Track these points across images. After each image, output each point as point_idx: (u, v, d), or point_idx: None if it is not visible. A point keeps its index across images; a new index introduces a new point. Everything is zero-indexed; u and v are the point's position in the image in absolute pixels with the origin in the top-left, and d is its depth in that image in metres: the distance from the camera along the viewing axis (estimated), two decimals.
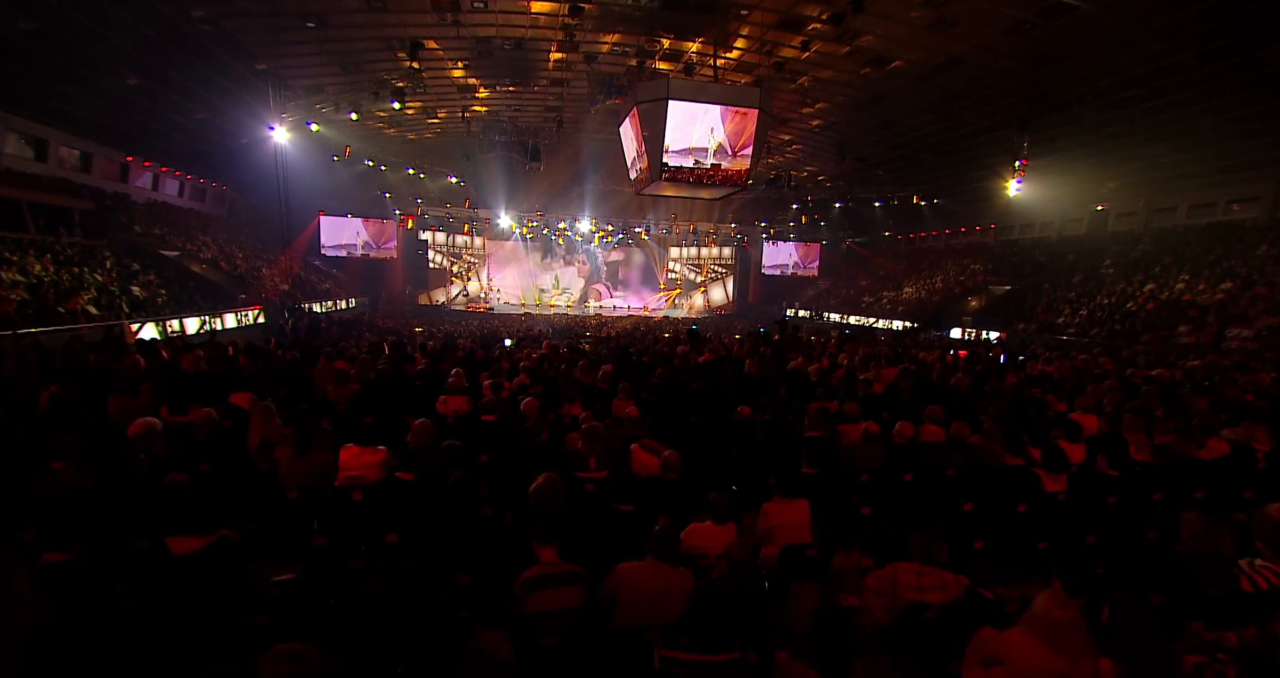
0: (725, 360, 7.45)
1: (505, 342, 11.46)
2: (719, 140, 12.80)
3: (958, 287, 26.00)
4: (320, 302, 23.61)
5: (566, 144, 26.26)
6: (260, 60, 15.72)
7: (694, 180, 13.27)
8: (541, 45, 16.64)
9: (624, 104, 14.81)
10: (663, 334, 17.58)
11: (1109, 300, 17.74)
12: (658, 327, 23.53)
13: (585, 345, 11.05)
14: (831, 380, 6.38)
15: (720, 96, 12.45)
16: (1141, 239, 20.45)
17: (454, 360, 6.99)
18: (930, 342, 20.03)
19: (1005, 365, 8.86)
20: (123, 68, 14.30)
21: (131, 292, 13.07)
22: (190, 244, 19.43)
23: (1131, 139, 17.32)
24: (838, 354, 9.22)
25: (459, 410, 5.19)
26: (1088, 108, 16.46)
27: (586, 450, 4.15)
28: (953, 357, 9.21)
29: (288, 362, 6.68)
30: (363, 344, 11.01)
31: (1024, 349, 15.10)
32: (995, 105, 17.44)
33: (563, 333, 20.92)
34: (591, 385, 5.89)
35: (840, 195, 28.11)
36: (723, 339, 13.99)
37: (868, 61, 16.24)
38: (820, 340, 16.03)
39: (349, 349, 9.33)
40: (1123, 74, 14.32)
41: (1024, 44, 13.94)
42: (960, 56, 15.05)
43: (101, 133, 17.43)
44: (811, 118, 20.93)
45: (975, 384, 6.39)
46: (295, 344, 9.21)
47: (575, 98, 20.17)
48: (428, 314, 27.66)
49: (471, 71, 18.34)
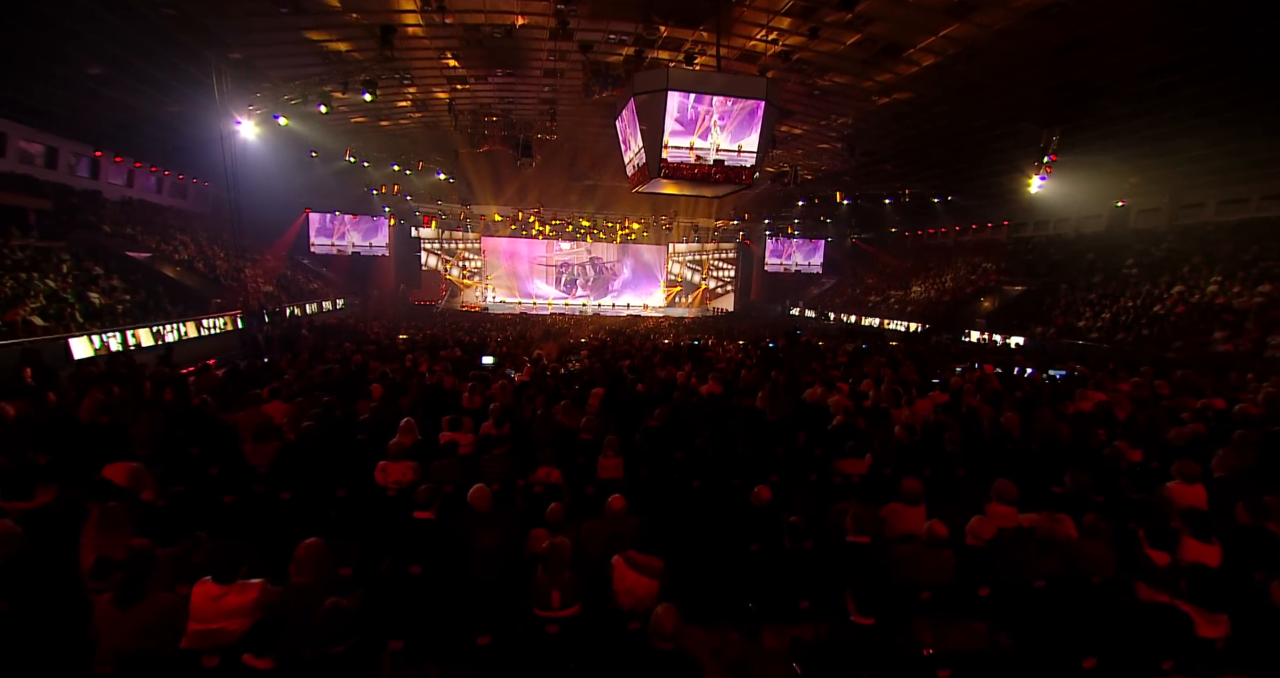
0: (733, 391, 6.54)
1: (485, 359, 10.47)
2: (722, 135, 11.85)
3: (969, 286, 25.01)
4: (307, 303, 22.63)
5: (564, 138, 25.34)
6: (234, 48, 14.77)
7: (695, 178, 12.35)
8: (534, 33, 15.75)
9: (620, 96, 13.90)
10: (661, 341, 16.70)
11: (1134, 303, 16.79)
12: (657, 329, 22.60)
13: (575, 364, 10.13)
14: (858, 422, 5.48)
15: (724, 87, 11.44)
16: (1166, 237, 19.44)
17: (415, 395, 6.08)
18: (943, 345, 19.13)
19: (1041, 387, 7.91)
20: (82, 56, 13.35)
21: (88, 299, 12.11)
22: (166, 244, 18.44)
23: (1161, 131, 16.31)
24: (855, 371, 8.31)
25: (400, 482, 4.08)
26: (1114, 98, 15.48)
27: (547, 580, 2.97)
28: (980, 373, 8.26)
29: (196, 409, 5.30)
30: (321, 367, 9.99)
31: (1048, 358, 14.21)
32: (1015, 97, 16.46)
33: (557, 335, 20.02)
34: (574, 431, 4.95)
35: (848, 191, 27.07)
36: (728, 352, 13.10)
37: (879, 50, 15.30)
38: (831, 349, 15.16)
39: (312, 371, 8.39)
40: (1156, 61, 13.32)
41: (1050, 30, 12.95)
42: (980, 44, 14.07)
43: (67, 126, 16.42)
44: (820, 111, 19.93)
45: (1023, 419, 5.47)
46: (267, 356, 8.23)
47: (571, 89, 19.24)
48: (419, 315, 26.72)
49: (461, 62, 17.43)
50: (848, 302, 31.49)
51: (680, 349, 15.18)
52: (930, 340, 20.40)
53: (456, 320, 23.55)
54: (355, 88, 13.74)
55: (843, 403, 6.01)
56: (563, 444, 4.59)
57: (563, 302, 35.70)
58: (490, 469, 4.12)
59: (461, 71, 18.43)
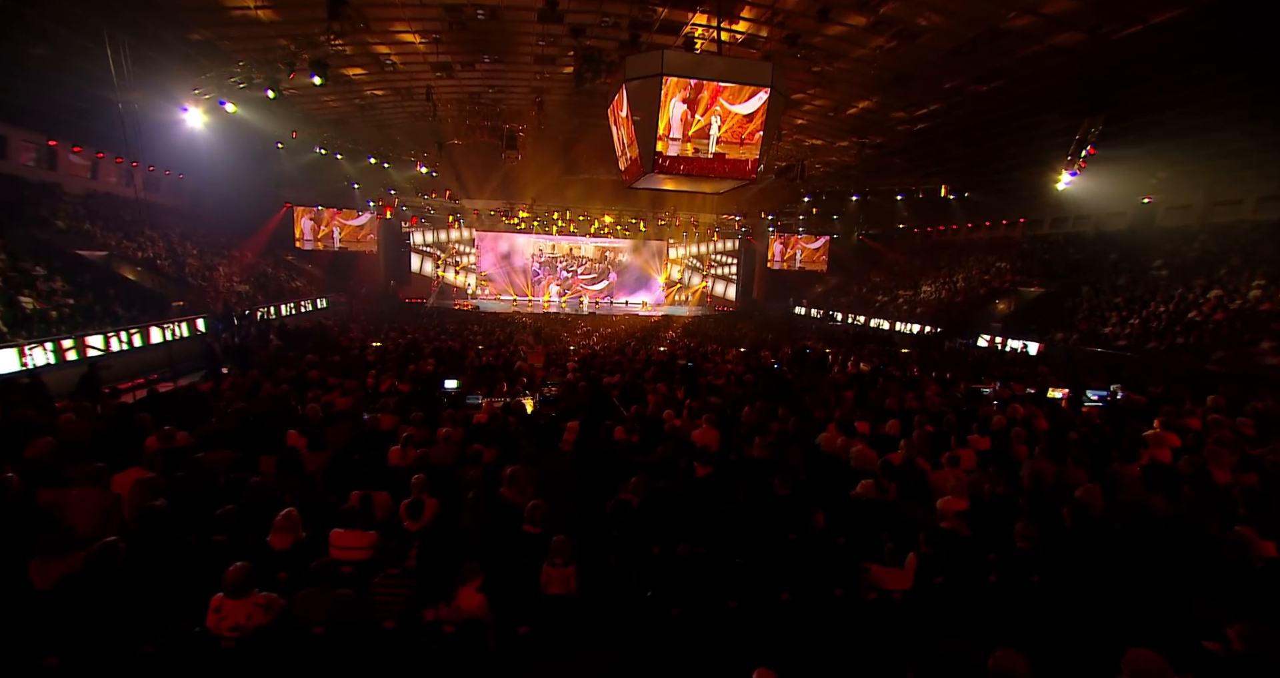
0: (731, 438, 5.40)
1: (448, 383, 9.17)
2: (722, 126, 10.67)
3: (982, 287, 23.78)
4: (285, 303, 21.44)
5: (558, 129, 24.13)
6: (192, 28, 13.57)
7: (693, 173, 11.17)
8: (521, 14, 14.62)
9: (612, 83, 12.78)
10: (657, 349, 15.57)
11: (1165, 308, 15.59)
12: (654, 331, 21.45)
13: (550, 390, 8.92)
14: (889, 491, 4.36)
15: (724, 73, 10.18)
16: (1198, 236, 18.17)
17: (341, 444, 4.95)
18: (957, 352, 17.97)
19: (1100, 426, 6.75)
20: (22, 35, 12.17)
21: (18, 304, 10.92)
22: (130, 241, 17.20)
23: (1198, 121, 15.05)
24: (873, 393, 7.16)
25: (241, 628, 2.71)
26: (1150, 85, 14.24)
27: None
28: (1024, 409, 7.06)
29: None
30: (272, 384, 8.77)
31: (1076, 369, 13.00)
32: (1039, 85, 15.22)
33: (547, 339, 18.92)
34: (515, 509, 3.78)
35: (857, 187, 25.76)
36: (728, 364, 11.98)
37: (893, 34, 14.15)
38: (841, 358, 13.96)
39: (257, 395, 7.26)
40: (1203, 43, 12.07)
41: (1086, 6, 11.71)
42: (1003, 26, 12.88)
43: (14, 113, 15.20)
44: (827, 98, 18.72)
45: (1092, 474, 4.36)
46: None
47: (564, 78, 18.08)
48: (407, 314, 25.55)
49: (445, 47, 16.29)
50: (854, 301, 30.26)
51: (676, 356, 14.07)
52: (943, 346, 19.24)
53: (443, 321, 22.38)
54: (303, 69, 12.27)
55: (867, 457, 4.88)
56: (499, 540, 3.45)
57: (560, 299, 34.56)
58: (385, 599, 2.90)
59: (446, 58, 17.28)
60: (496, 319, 24.69)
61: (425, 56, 16.78)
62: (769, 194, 29.19)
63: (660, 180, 12.13)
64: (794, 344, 19.34)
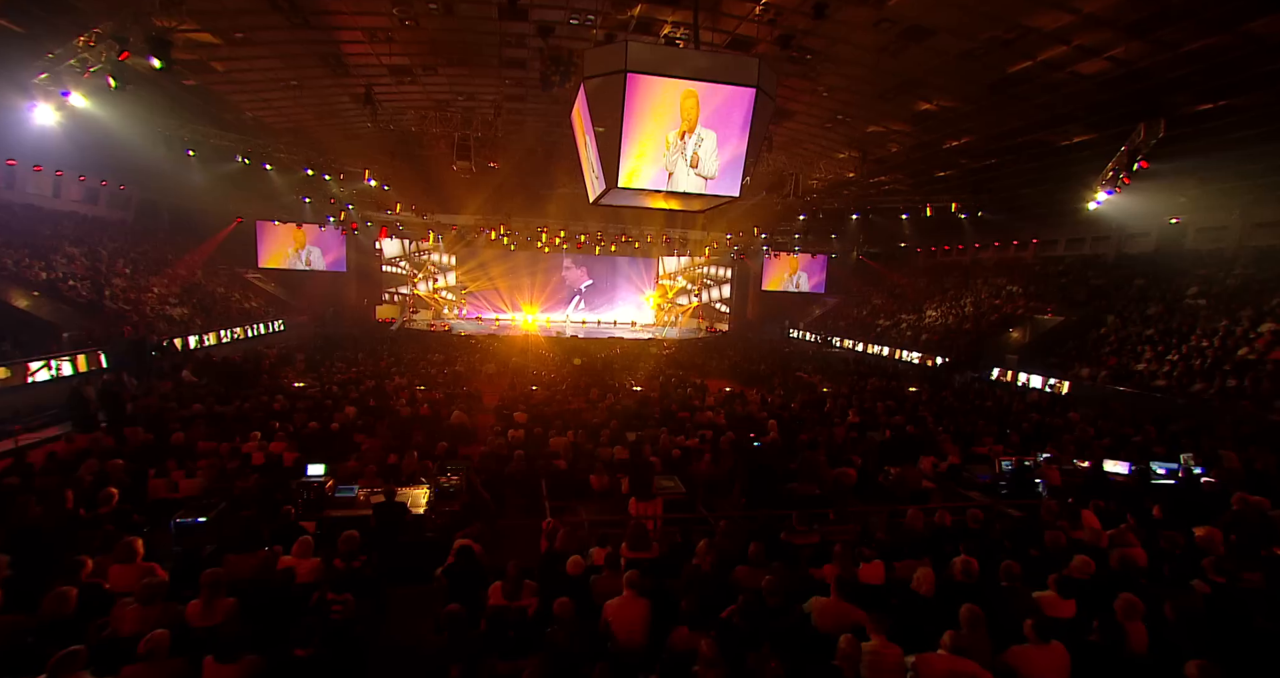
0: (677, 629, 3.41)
1: (313, 469, 6.43)
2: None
3: (993, 313, 21.91)
4: (233, 328, 19.35)
5: (537, 141, 22.44)
6: None
7: (665, 189, 9.34)
8: (481, 10, 13.05)
9: (573, 85, 11.04)
10: (631, 386, 13.57)
11: (1210, 343, 13.73)
12: (634, 361, 19.51)
13: (451, 479, 6.75)
14: None
15: (700, 70, 8.25)
16: (1237, 260, 16.37)
17: None
18: (971, 390, 16.06)
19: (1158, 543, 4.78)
20: None
21: None
22: (37, 260, 15.17)
23: (1241, 134, 13.36)
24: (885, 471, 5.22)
25: None
26: (1188, 93, 12.56)
27: None
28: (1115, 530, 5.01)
29: None
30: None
31: (1118, 421, 10.99)
32: (1063, 92, 13.56)
33: (513, 373, 16.96)
34: None
35: (856, 204, 23.93)
36: (704, 416, 10.08)
37: (900, 33, 12.61)
38: (840, 406, 11.90)
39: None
40: (1253, 45, 10.40)
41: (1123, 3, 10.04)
42: (1028, 26, 11.28)
43: None
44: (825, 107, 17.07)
45: None
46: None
47: (536, 83, 16.48)
48: (371, 337, 23.46)
49: (397, 46, 14.70)
50: (853, 325, 28.35)
51: (650, 403, 12.14)
52: (954, 382, 17.33)
53: (404, 347, 20.35)
54: (139, 50, 9.87)
55: (885, 667, 2.93)
56: None
57: (544, 318, 32.66)
58: None
59: (402, 60, 15.67)
60: (466, 344, 22.71)
61: (380, 57, 15.13)
62: (762, 210, 27.38)
63: (631, 196, 10.33)
64: (787, 378, 17.43)
